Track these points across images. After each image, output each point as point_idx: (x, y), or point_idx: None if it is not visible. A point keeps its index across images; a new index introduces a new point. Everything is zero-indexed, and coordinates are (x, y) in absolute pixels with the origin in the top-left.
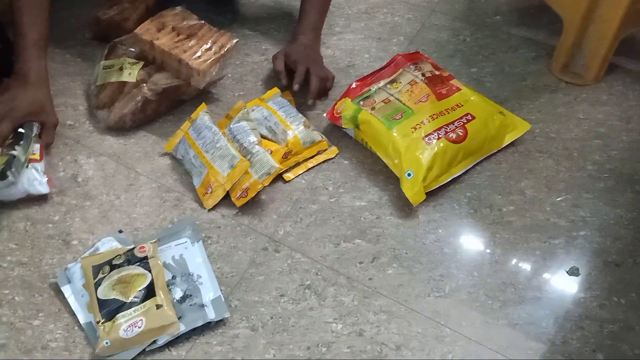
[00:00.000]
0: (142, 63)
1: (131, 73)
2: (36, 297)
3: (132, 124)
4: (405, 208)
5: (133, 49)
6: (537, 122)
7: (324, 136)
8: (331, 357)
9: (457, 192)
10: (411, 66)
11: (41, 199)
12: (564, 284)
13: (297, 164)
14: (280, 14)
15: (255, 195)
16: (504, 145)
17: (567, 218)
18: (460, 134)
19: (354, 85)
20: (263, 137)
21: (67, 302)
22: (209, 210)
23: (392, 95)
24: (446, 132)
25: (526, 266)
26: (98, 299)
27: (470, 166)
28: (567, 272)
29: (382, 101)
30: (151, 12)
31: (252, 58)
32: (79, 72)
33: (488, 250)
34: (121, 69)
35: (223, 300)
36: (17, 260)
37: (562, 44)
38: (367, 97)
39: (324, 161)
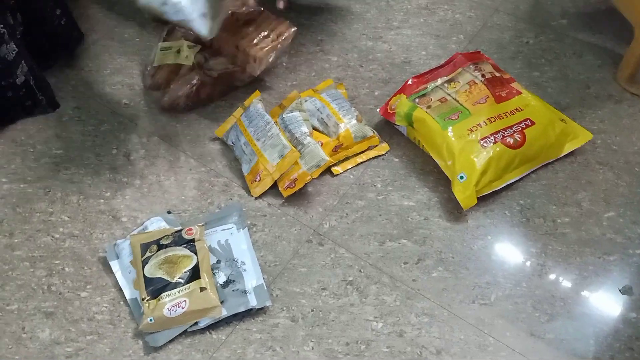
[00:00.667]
0: (199, 47)
1: (188, 56)
2: (85, 270)
3: (185, 107)
4: (454, 211)
5: (192, 33)
6: (599, 133)
7: (375, 132)
8: (370, 355)
9: (509, 199)
10: (471, 66)
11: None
12: (615, 302)
13: (347, 158)
14: (338, 5)
15: (303, 186)
16: (562, 154)
17: (624, 235)
18: (518, 139)
19: (410, 82)
20: (314, 128)
21: (115, 277)
22: (256, 198)
23: (449, 94)
24: (503, 137)
25: (578, 281)
26: (145, 277)
27: (526, 173)
28: (620, 290)
29: (439, 100)
30: None
31: (307, 48)
32: (137, 52)
33: (539, 262)
34: (178, 51)
35: (265, 288)
36: (69, 232)
37: (630, 53)
38: (423, 95)
39: (373, 157)
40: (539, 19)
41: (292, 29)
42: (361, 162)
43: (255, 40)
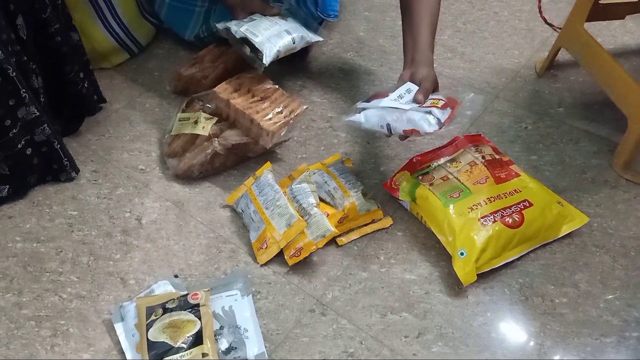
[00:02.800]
0: (216, 119)
1: (205, 127)
2: (89, 331)
3: (199, 175)
4: (455, 287)
5: (210, 105)
6: (595, 216)
7: (380, 205)
8: None
9: (508, 277)
10: (472, 147)
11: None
12: None
13: (351, 230)
14: (347, 85)
15: (308, 255)
16: (560, 236)
17: (620, 317)
18: (517, 219)
19: (414, 160)
20: (321, 200)
21: (118, 340)
22: (262, 266)
23: (451, 173)
24: (502, 216)
25: None
26: (148, 340)
27: (525, 252)
28: None
29: (441, 178)
30: (229, 73)
31: (317, 124)
32: (156, 121)
33: (537, 341)
34: (196, 122)
35: (267, 357)
36: (76, 292)
37: (625, 142)
38: (426, 173)
39: (377, 230)
40: (537, 106)
41: (304, 107)
42: (365, 234)
43: (269, 115)
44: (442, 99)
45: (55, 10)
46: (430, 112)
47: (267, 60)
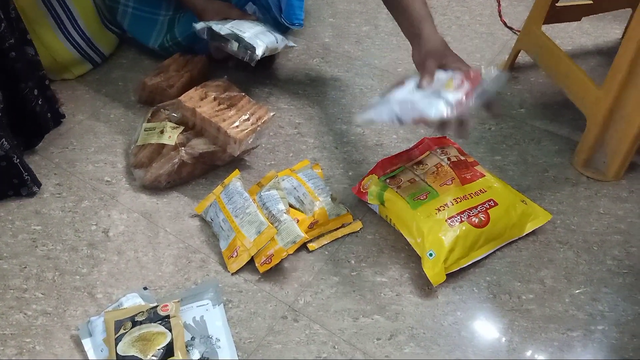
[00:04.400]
0: (182, 128)
1: (171, 136)
2: (56, 348)
3: (166, 185)
4: (425, 287)
5: (175, 114)
6: (558, 214)
7: (349, 210)
8: None
9: (477, 276)
10: (438, 150)
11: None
12: None
13: (322, 235)
14: (314, 91)
15: (279, 262)
16: (525, 234)
17: (585, 311)
18: (483, 218)
19: (381, 164)
20: (291, 206)
21: (87, 356)
22: (233, 274)
23: (417, 175)
24: (469, 216)
25: (543, 356)
26: (117, 355)
27: (491, 251)
28: None
29: (408, 181)
30: (195, 81)
31: (285, 130)
32: (121, 131)
33: (506, 338)
34: (162, 132)
35: None
36: (42, 309)
37: (584, 141)
38: (393, 176)
39: (347, 234)
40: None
41: (271, 114)
42: (336, 239)
43: (236, 123)
44: (457, 77)
45: (9, 25)
46: (440, 96)
47: (259, 51)
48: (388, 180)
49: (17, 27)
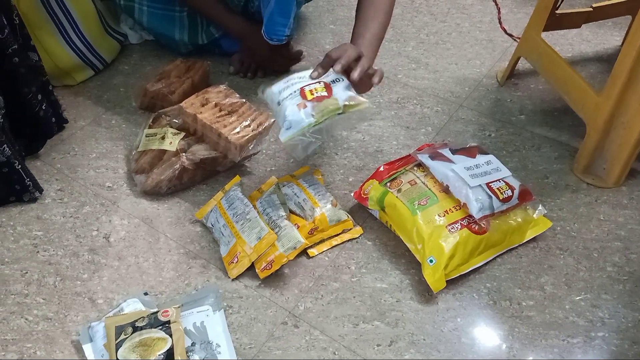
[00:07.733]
0: (183, 134)
1: (172, 142)
2: (57, 354)
3: (167, 190)
4: (425, 294)
5: (177, 120)
6: (559, 220)
7: (349, 215)
8: None
9: (477, 282)
10: None
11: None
12: None
13: (322, 241)
14: None
15: (279, 268)
16: (525, 240)
17: (585, 318)
18: (483, 225)
19: (382, 169)
20: (291, 212)
21: None
22: (233, 280)
23: (418, 177)
24: (469, 223)
25: None
26: None
27: (491, 258)
28: None
29: (409, 182)
30: (196, 88)
31: None
32: (123, 137)
33: (506, 344)
34: (163, 137)
35: None
36: (42, 314)
37: (584, 147)
38: (394, 179)
39: (348, 240)
40: (499, 114)
41: (272, 120)
42: (336, 245)
43: (237, 129)
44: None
45: (13, 31)
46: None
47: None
48: (388, 184)
49: (20, 33)
